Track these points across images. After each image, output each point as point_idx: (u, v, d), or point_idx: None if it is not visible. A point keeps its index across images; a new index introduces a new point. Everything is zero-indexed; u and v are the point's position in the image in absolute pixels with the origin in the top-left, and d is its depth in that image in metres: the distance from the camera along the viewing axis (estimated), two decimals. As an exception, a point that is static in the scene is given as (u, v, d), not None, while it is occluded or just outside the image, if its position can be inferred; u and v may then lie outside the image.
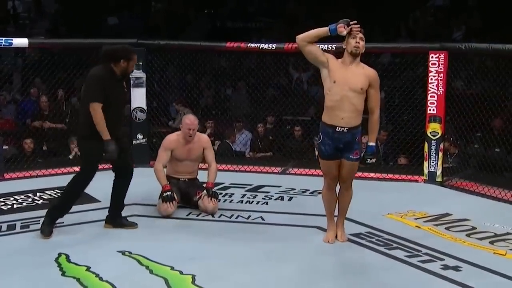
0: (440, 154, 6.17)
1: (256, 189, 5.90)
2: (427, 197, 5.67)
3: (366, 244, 4.25)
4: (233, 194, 5.65)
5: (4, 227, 4.62)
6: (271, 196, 5.64)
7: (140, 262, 3.85)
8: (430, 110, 6.13)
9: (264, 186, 6.00)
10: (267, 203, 5.38)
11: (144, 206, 5.00)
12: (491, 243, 4.32)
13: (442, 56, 6.02)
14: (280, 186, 5.98)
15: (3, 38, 6.10)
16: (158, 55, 7.02)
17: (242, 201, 5.42)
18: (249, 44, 6.74)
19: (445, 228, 4.64)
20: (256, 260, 3.92)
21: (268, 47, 6.54)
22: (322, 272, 3.67)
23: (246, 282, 3.53)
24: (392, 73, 7.15)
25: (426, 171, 6.26)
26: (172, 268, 3.72)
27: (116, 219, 4.51)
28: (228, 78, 9.52)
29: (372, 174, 6.41)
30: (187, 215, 4.96)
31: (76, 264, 3.81)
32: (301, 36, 4.04)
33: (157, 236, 4.40)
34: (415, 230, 4.61)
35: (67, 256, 3.94)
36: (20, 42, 6.22)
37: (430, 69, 6.08)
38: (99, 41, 6.72)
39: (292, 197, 5.62)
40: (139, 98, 6.64)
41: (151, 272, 3.69)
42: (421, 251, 4.10)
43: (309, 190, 5.84)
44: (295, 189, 5.90)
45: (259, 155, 7.88)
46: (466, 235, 4.50)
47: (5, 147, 6.93)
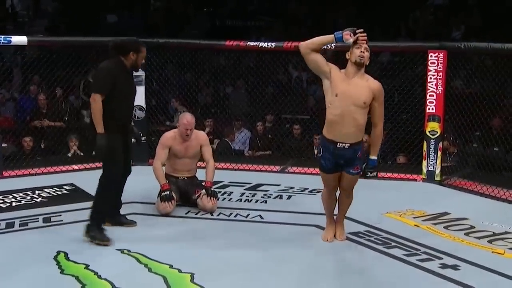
0: (439, 153, 6.18)
1: (255, 187, 5.90)
2: (426, 196, 5.68)
3: (364, 243, 4.26)
4: (232, 192, 5.66)
5: (2, 224, 4.62)
6: (270, 194, 5.65)
7: (138, 260, 3.85)
8: (429, 109, 6.15)
9: (263, 184, 6.00)
10: (266, 202, 5.39)
11: (143, 204, 5.00)
12: (490, 242, 4.33)
13: (441, 55, 6.03)
14: (279, 185, 5.99)
15: (2, 36, 6.09)
16: (157, 53, 7.01)
17: (241, 200, 5.43)
18: (249, 43, 6.75)
19: (444, 227, 4.65)
20: (254, 258, 3.93)
21: (268, 45, 6.55)
22: (320, 271, 3.67)
23: (245, 281, 3.54)
24: (391, 72, 7.16)
25: (425, 170, 6.27)
26: (171, 266, 3.73)
27: (114, 217, 4.50)
28: (228, 77, 9.52)
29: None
30: (186, 214, 4.97)
31: (75, 262, 3.81)
32: (305, 43, 3.87)
33: (156, 234, 4.40)
34: (414, 229, 4.62)
35: (65, 254, 3.95)
36: (19, 40, 6.22)
37: (429, 68, 6.09)
38: (98, 39, 6.73)
39: (291, 196, 5.62)
40: (138, 96, 6.61)
41: (149, 270, 3.70)
42: (420, 250, 4.11)
43: (308, 188, 5.85)
44: (294, 187, 5.91)
45: (258, 154, 7.89)
46: (465, 234, 4.50)
47: (4, 145, 6.94)
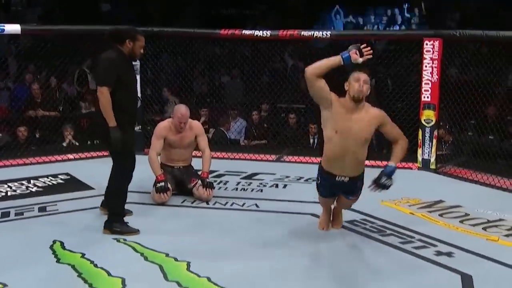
0: (434, 141, 6.20)
1: (250, 176, 5.91)
2: (421, 184, 5.70)
3: (360, 231, 4.27)
4: (228, 181, 5.66)
5: (-2, 214, 4.63)
6: (266, 183, 5.65)
7: (135, 249, 3.85)
8: (424, 97, 6.16)
9: (258, 173, 6.01)
10: (261, 191, 5.39)
11: (139, 194, 4.99)
12: (484, 229, 4.35)
13: (436, 43, 6.02)
14: (274, 174, 6.00)
15: (-5, 25, 6.05)
16: (151, 42, 6.97)
17: (236, 189, 5.43)
18: (244, 32, 6.72)
19: (439, 215, 4.67)
20: (250, 247, 3.94)
21: (263, 34, 6.52)
22: (316, 259, 3.69)
23: (241, 269, 3.54)
24: (386, 60, 7.16)
25: (420, 158, 6.29)
26: (167, 255, 3.73)
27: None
28: (223, 66, 9.49)
29: (367, 162, 6.39)
30: (182, 202, 4.97)
31: (71, 251, 3.81)
32: (311, 69, 3.64)
33: (152, 223, 4.39)
34: (409, 216, 4.64)
35: (61, 243, 3.94)
36: (13, 28, 6.16)
37: (425, 56, 6.09)
38: (92, 28, 6.69)
39: (287, 185, 5.63)
40: (134, 85, 6.62)
41: (145, 259, 3.70)
42: (415, 238, 4.13)
43: (303, 177, 5.86)
44: (289, 176, 5.92)
45: (254, 143, 7.89)
46: (459, 221, 4.53)
47: (-2, 134, 6.93)
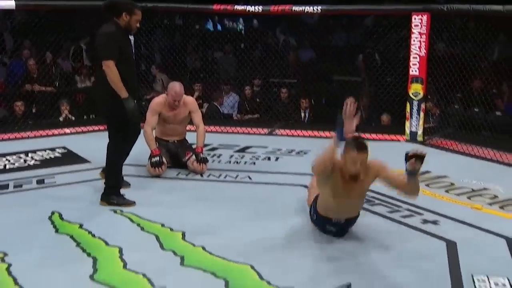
0: (422, 114, 6.22)
1: (243, 149, 5.91)
2: (409, 155, 5.72)
3: (349, 201, 4.30)
4: (221, 155, 5.67)
5: (-3, 186, 4.63)
6: (258, 156, 5.66)
7: (131, 220, 3.87)
8: (412, 71, 6.15)
9: (251, 146, 6.02)
10: (254, 163, 5.40)
11: (135, 167, 4.98)
12: (469, 198, 4.40)
13: (424, 17, 5.99)
14: (267, 147, 6.01)
15: (-12, 0, 5.94)
16: (146, 18, 6.87)
17: (230, 162, 5.44)
18: (236, 7, 6.64)
19: (425, 185, 4.70)
20: (243, 218, 3.96)
21: (255, 9, 6.46)
22: (307, 229, 3.70)
23: (234, 239, 3.56)
24: (376, 35, 7.13)
25: (407, 130, 6.31)
26: (163, 225, 3.75)
27: None
28: (216, 41, 9.41)
29: (356, 135, 6.44)
30: (177, 175, 4.98)
31: (69, 222, 3.82)
32: (317, 170, 3.34)
33: (147, 195, 4.40)
34: (397, 187, 4.67)
35: (60, 214, 3.95)
36: (7, 4, 6.06)
37: (413, 30, 6.07)
38: (86, 3, 6.59)
39: (279, 157, 5.64)
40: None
41: (142, 229, 3.72)
42: (402, 207, 4.16)
43: (295, 150, 5.88)
44: (281, 149, 5.93)
45: (247, 117, 7.88)
46: (445, 191, 4.57)
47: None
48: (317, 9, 6.11)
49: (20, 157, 5.48)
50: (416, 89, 6.17)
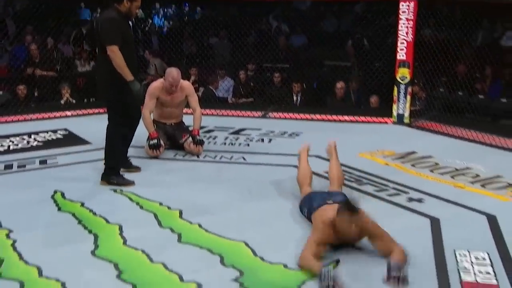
0: (408, 97, 6.22)
1: (238, 132, 5.91)
2: (396, 137, 5.75)
3: (339, 180, 4.31)
4: (217, 136, 5.66)
5: (1, 167, 4.60)
6: (252, 138, 5.66)
7: (130, 199, 3.87)
8: (400, 56, 6.14)
9: (245, 129, 6.01)
10: (248, 145, 5.40)
11: (134, 148, 4.94)
12: (452, 177, 4.42)
13: (412, 4, 5.97)
14: (260, 129, 6.00)
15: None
16: (144, 4, 6.81)
17: (225, 143, 5.43)
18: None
19: (411, 165, 4.73)
20: (238, 197, 3.96)
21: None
22: (297, 205, 3.70)
23: (229, 217, 3.57)
24: (365, 21, 7.09)
25: (395, 113, 6.32)
26: (161, 204, 3.75)
27: (124, 162, 4.39)
28: (211, 27, 9.33)
29: (346, 117, 6.46)
30: (174, 156, 4.97)
31: (71, 201, 3.82)
32: (302, 265, 2.87)
33: (146, 175, 4.39)
34: (384, 167, 4.68)
35: (62, 193, 3.95)
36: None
37: (400, 16, 6.05)
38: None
39: (272, 139, 5.64)
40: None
41: (141, 207, 3.72)
42: (389, 186, 4.18)
43: (287, 132, 5.88)
44: (274, 131, 5.93)
45: (241, 101, 7.85)
46: (430, 170, 4.59)
47: (-1, 92, 6.83)
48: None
49: (23, 139, 5.46)
50: (403, 73, 6.16)
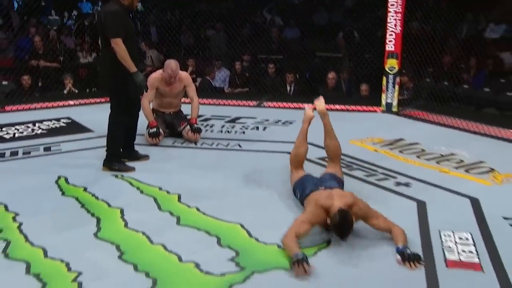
0: (396, 87, 6.22)
1: (234, 120, 5.89)
2: (384, 125, 5.75)
3: (330, 166, 4.31)
4: (214, 125, 5.64)
5: (7, 153, 4.58)
6: (248, 126, 5.65)
7: (131, 184, 3.86)
8: (388, 47, 6.12)
9: (241, 117, 6.00)
10: (244, 133, 5.39)
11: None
12: (437, 162, 4.43)
13: (400, -3, 5.95)
14: (255, 118, 5.99)
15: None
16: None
17: (221, 131, 5.42)
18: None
19: (399, 151, 4.74)
20: (234, 182, 3.96)
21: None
22: (290, 190, 3.71)
23: (225, 201, 3.57)
24: (355, 14, 7.06)
25: (384, 102, 6.32)
26: (160, 189, 3.75)
27: (131, 153, 4.38)
28: (207, 19, 9.26)
29: (337, 106, 6.46)
30: (173, 143, 4.96)
31: (74, 186, 3.81)
32: (284, 246, 2.84)
33: (146, 162, 4.37)
34: (373, 153, 4.69)
35: (66, 179, 3.94)
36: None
37: (389, 9, 6.02)
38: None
39: (266, 127, 5.63)
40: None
41: (141, 192, 3.72)
42: (378, 171, 4.19)
43: (281, 120, 5.87)
44: (269, 120, 5.92)
45: (237, 90, 7.82)
46: (417, 156, 4.60)
47: (4, 82, 6.78)
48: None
49: (28, 127, 5.43)
50: (392, 64, 6.15)
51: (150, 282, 2.55)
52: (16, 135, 5.16)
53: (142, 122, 4.80)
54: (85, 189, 3.73)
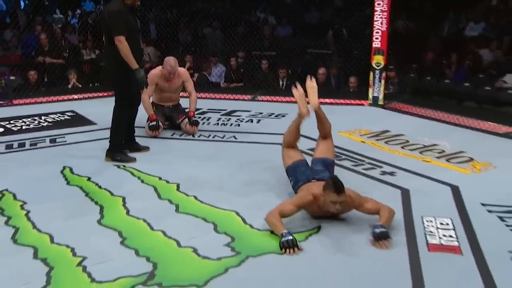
0: (382, 81, 6.22)
1: (229, 113, 5.88)
2: (371, 117, 5.76)
3: (320, 156, 4.31)
4: (210, 118, 5.63)
5: (15, 144, 4.56)
6: (243, 119, 5.64)
7: (132, 174, 3.85)
8: (375, 44, 6.11)
9: (236, 111, 5.98)
10: (239, 125, 5.38)
11: (136, 128, 4.93)
12: (421, 153, 4.44)
13: (386, -4, 5.95)
14: (250, 111, 5.98)
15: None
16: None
17: (218, 124, 5.41)
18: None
19: (385, 142, 4.75)
20: (230, 172, 3.96)
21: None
22: (283, 179, 3.71)
23: (222, 190, 3.57)
24: (344, 13, 7.04)
25: (370, 96, 6.32)
26: (160, 178, 3.74)
27: (132, 144, 4.38)
28: (204, 18, 9.21)
29: (327, 100, 6.45)
30: (172, 135, 4.95)
31: (79, 175, 3.79)
32: (269, 222, 2.89)
33: (146, 153, 4.37)
34: (361, 144, 4.70)
35: (70, 169, 3.92)
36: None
37: (376, 8, 6.02)
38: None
39: (260, 120, 5.62)
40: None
41: (142, 181, 3.71)
42: (365, 161, 4.20)
43: (274, 113, 5.86)
44: (262, 113, 5.91)
45: (232, 85, 7.80)
46: (401, 147, 4.61)
47: (12, 77, 6.73)
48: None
49: (35, 119, 5.41)
50: (378, 60, 6.15)
51: (151, 266, 2.55)
52: (23, 127, 5.13)
53: (142, 115, 4.80)
54: (89, 179, 3.72)
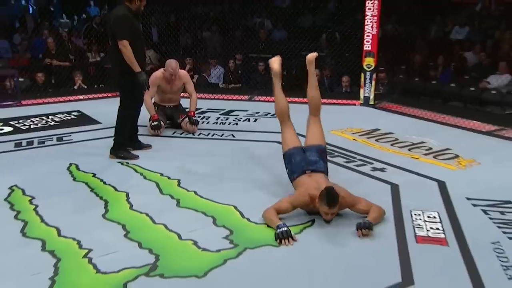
0: (373, 82, 6.22)
1: (228, 113, 5.87)
2: (362, 116, 5.75)
3: (314, 153, 4.31)
4: (209, 117, 5.62)
5: (24, 143, 4.55)
6: (240, 118, 5.63)
7: (135, 170, 3.84)
8: (366, 47, 6.11)
9: (234, 110, 5.97)
10: (237, 124, 5.37)
11: (139, 127, 4.90)
12: (409, 150, 4.44)
13: (376, 2, 5.95)
14: (247, 110, 5.97)
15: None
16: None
17: (217, 123, 5.40)
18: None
19: (375, 140, 4.74)
20: (228, 168, 3.95)
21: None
22: (280, 177, 3.71)
23: (220, 185, 3.57)
24: (336, 17, 7.03)
25: (362, 96, 6.32)
26: (162, 175, 3.73)
27: (135, 143, 4.36)
28: (204, 22, 9.19)
29: (320, 100, 6.44)
30: (173, 134, 4.93)
31: (84, 172, 3.78)
32: (265, 219, 2.92)
33: (148, 150, 4.35)
34: (352, 142, 4.70)
35: (76, 166, 3.91)
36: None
37: (367, 13, 6.01)
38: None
39: (257, 119, 5.61)
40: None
41: (144, 177, 3.70)
42: (356, 158, 4.20)
43: (270, 113, 5.84)
44: (259, 112, 5.90)
45: (230, 86, 7.79)
46: (391, 144, 4.61)
47: (21, 79, 6.71)
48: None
49: (42, 119, 5.39)
50: (369, 62, 6.14)
51: (153, 257, 2.54)
52: (32, 126, 5.11)
53: (145, 115, 4.79)
54: (94, 175, 3.70)
